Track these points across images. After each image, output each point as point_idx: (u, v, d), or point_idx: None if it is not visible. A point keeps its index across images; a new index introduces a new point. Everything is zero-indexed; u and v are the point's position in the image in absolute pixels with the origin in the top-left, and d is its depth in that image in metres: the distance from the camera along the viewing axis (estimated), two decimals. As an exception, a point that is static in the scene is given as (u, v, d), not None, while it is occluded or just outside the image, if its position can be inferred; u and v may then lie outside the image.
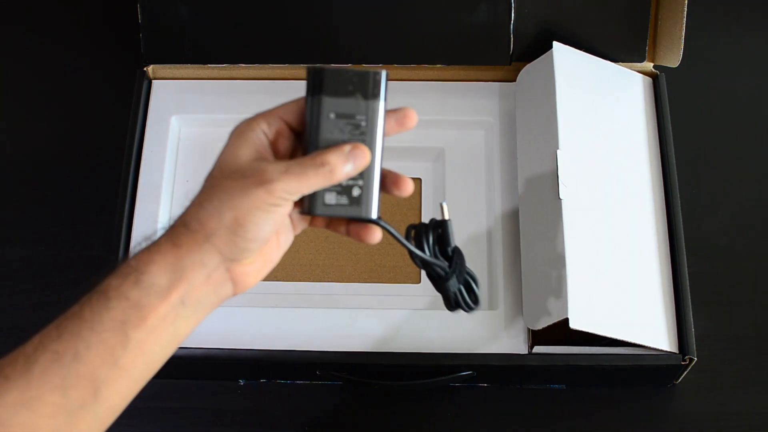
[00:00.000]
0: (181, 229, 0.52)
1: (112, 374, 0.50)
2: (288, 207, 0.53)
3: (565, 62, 0.82)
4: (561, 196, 0.75)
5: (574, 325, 0.70)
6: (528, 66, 0.85)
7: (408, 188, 0.57)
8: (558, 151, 0.77)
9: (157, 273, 0.51)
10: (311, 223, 0.58)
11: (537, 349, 0.75)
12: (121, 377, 0.50)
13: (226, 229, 0.52)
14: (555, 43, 0.82)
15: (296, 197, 0.53)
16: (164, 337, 0.52)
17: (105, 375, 0.50)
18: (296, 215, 0.57)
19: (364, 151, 0.55)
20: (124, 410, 0.80)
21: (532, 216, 0.78)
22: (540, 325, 0.73)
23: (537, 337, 0.76)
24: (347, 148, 0.54)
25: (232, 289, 0.55)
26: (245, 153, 0.54)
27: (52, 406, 0.49)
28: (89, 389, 0.50)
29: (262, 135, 0.55)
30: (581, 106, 0.81)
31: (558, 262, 0.73)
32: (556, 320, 0.72)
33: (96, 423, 0.51)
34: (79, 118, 0.94)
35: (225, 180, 0.53)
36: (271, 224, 0.53)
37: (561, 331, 0.79)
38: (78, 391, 0.49)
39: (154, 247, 0.52)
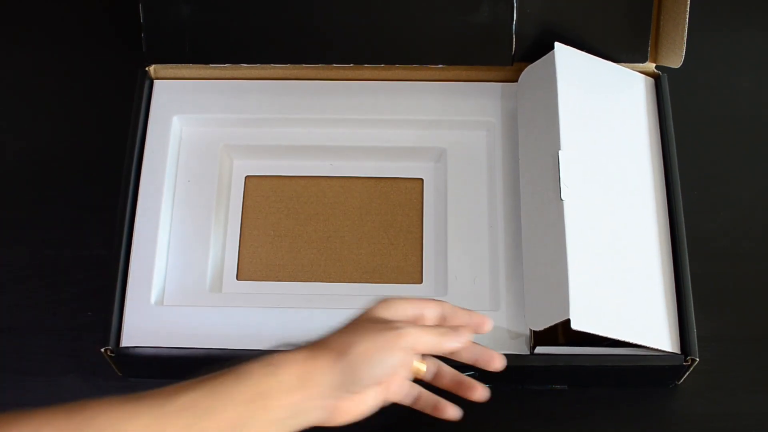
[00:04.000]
0: (321, 346, 0.61)
1: None
2: (408, 362, 0.64)
3: (566, 63, 0.82)
4: (563, 197, 0.75)
5: (575, 326, 0.70)
6: (529, 67, 0.84)
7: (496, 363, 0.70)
8: (559, 152, 0.77)
9: (291, 373, 0.59)
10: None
11: (539, 349, 0.75)
12: None
13: (354, 357, 0.60)
14: (557, 44, 0.82)
15: (417, 352, 0.63)
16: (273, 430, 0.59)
17: None
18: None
19: (465, 333, 0.67)
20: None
21: (534, 217, 0.78)
22: (542, 326, 0.73)
23: (539, 337, 0.76)
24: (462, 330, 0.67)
25: (323, 416, 0.61)
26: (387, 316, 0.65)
27: None
28: None
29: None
30: (583, 106, 0.81)
31: (559, 263, 0.73)
32: (557, 321, 0.71)
33: None
34: (80, 117, 0.94)
35: (367, 323, 0.63)
36: (388, 367, 0.62)
37: (563, 332, 0.79)
38: None
39: (293, 352, 0.61)
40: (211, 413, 0.55)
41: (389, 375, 0.62)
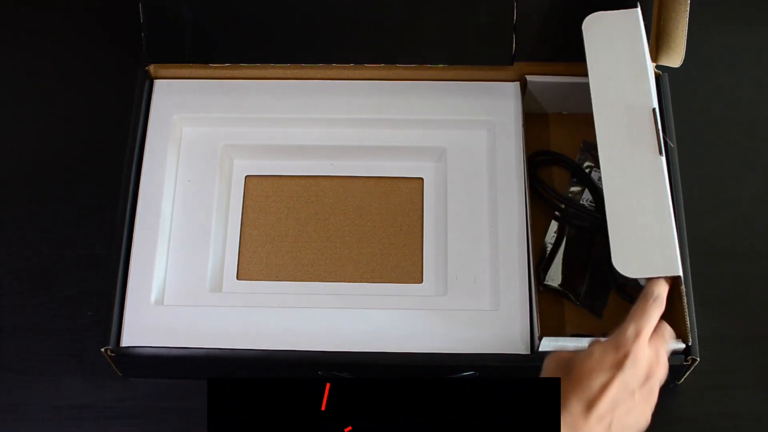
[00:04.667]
0: None
1: None
2: None
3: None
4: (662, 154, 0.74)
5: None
6: (599, 14, 0.81)
7: None
8: (655, 108, 0.76)
9: None
10: None
11: (545, 341, 0.74)
12: None
13: None
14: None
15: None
16: None
17: None
18: None
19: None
20: (124, 410, 0.80)
21: (624, 170, 0.75)
22: (640, 274, 0.72)
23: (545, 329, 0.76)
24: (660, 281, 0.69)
25: None
26: None
27: None
28: None
29: None
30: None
31: (663, 216, 0.72)
32: (661, 274, 0.71)
33: None
34: (81, 117, 0.94)
35: None
36: None
37: (564, 331, 0.79)
38: None
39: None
40: None
41: None
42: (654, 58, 0.86)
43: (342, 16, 0.84)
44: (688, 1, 0.80)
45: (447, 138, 0.86)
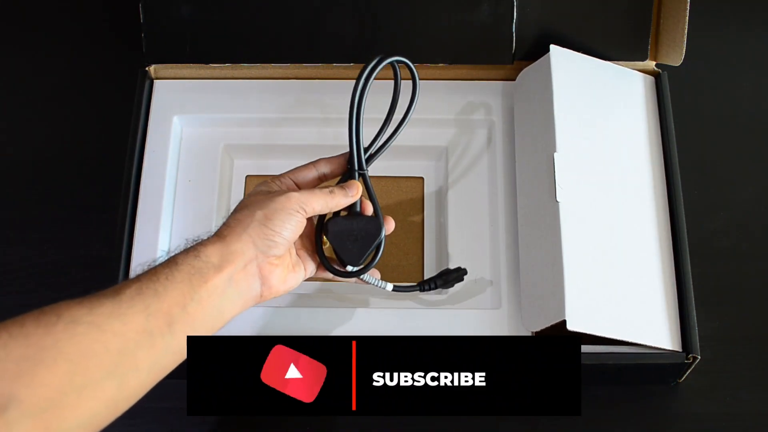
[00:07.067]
0: (224, 228, 0.67)
1: (182, 316, 0.62)
2: (302, 219, 0.69)
3: (562, 65, 0.82)
4: (558, 199, 0.75)
5: (571, 326, 0.70)
6: (525, 69, 0.85)
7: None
8: (555, 154, 0.77)
9: (211, 254, 0.65)
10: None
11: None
12: (187, 322, 0.62)
13: (257, 222, 0.67)
14: (552, 46, 0.82)
15: (308, 210, 0.69)
16: (215, 306, 0.64)
17: (177, 315, 0.61)
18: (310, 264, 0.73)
19: (356, 184, 0.73)
20: (126, 410, 0.80)
21: (530, 219, 0.78)
22: (538, 327, 0.73)
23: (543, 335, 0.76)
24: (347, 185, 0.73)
25: (260, 287, 0.68)
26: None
27: (137, 324, 0.59)
28: (165, 321, 0.61)
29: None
30: (580, 108, 0.81)
31: (556, 264, 0.73)
32: (553, 322, 0.71)
33: (167, 354, 0.62)
34: (81, 118, 0.94)
35: (255, 196, 0.70)
36: (292, 225, 0.68)
37: (565, 332, 0.79)
38: (157, 321, 0.60)
39: (204, 240, 0.66)
40: (159, 295, 0.61)
41: (292, 233, 0.68)
42: (654, 56, 0.86)
43: (341, 16, 0.84)
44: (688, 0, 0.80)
45: (447, 137, 0.86)
